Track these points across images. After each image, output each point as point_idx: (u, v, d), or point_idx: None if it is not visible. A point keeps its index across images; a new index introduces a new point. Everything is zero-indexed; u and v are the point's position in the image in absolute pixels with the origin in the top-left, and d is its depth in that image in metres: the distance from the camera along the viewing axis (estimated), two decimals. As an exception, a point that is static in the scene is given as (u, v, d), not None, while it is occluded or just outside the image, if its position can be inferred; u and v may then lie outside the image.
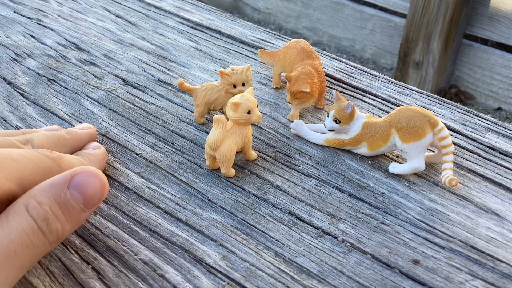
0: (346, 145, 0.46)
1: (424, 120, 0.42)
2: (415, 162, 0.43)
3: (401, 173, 0.43)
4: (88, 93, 0.55)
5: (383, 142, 0.44)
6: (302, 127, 0.48)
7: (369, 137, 0.45)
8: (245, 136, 0.43)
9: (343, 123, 0.45)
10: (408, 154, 0.43)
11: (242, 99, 0.42)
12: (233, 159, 0.43)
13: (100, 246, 0.37)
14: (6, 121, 0.50)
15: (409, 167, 0.43)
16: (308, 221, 0.39)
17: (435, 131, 0.42)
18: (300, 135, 0.48)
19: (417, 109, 0.43)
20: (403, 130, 0.42)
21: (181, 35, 0.69)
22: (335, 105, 0.45)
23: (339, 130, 0.45)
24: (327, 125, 0.46)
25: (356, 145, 0.45)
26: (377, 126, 0.44)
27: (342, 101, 0.45)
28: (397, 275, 0.35)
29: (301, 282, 0.34)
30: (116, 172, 0.44)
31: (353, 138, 0.45)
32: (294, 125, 0.48)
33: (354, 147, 0.46)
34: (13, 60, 0.61)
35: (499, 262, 0.36)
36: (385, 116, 0.45)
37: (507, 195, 0.42)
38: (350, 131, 0.45)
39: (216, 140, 0.42)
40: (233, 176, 0.43)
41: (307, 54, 0.53)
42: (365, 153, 0.45)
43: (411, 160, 0.43)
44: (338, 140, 0.46)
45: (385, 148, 0.44)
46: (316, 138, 0.47)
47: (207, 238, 0.38)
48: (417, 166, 0.43)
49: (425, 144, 0.42)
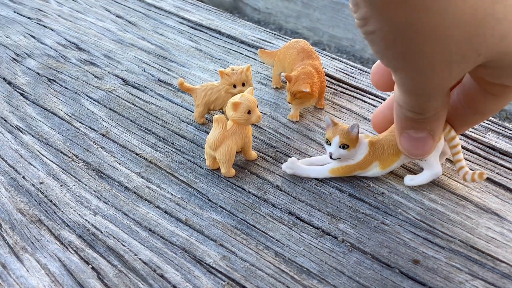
0: (355, 171, 0.42)
1: None
2: (435, 168, 0.41)
3: (422, 183, 0.41)
4: (88, 93, 0.55)
5: (396, 157, 0.41)
6: (297, 165, 0.43)
7: (379, 155, 0.41)
8: (245, 136, 0.43)
9: (351, 147, 0.41)
10: (427, 162, 0.41)
11: (242, 99, 0.42)
12: (233, 159, 0.43)
13: (100, 246, 0.37)
14: (6, 121, 0.50)
15: (430, 174, 0.41)
16: (308, 221, 0.39)
17: (444, 132, 0.40)
18: (298, 174, 0.43)
19: None
20: None
21: (181, 35, 0.69)
22: (335, 130, 0.41)
23: (346, 156, 0.41)
24: (333, 154, 0.41)
25: (367, 167, 0.42)
26: (384, 142, 0.41)
27: (341, 125, 0.41)
28: (397, 275, 0.35)
29: (301, 282, 0.34)
30: (116, 172, 0.44)
31: (362, 160, 0.41)
32: (289, 165, 0.43)
33: (364, 170, 0.42)
34: (13, 60, 0.61)
35: (499, 262, 0.36)
36: (388, 130, 0.42)
37: (507, 195, 0.42)
38: (357, 155, 0.41)
39: (216, 140, 0.42)
40: (233, 176, 0.43)
41: (307, 54, 0.53)
42: (378, 173, 0.42)
43: (430, 166, 0.41)
44: (345, 167, 0.42)
45: (398, 162, 0.41)
46: (319, 173, 0.43)
47: (207, 238, 0.38)
48: (437, 171, 0.41)
49: (441, 148, 0.41)
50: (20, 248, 0.37)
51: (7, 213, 0.40)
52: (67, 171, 0.44)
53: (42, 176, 0.43)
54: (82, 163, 0.45)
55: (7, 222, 0.39)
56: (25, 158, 0.45)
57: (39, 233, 0.38)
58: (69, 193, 0.42)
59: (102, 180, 0.43)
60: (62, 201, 0.41)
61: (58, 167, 0.44)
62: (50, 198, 0.41)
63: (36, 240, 0.37)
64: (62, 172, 0.44)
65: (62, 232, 0.38)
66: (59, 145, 0.47)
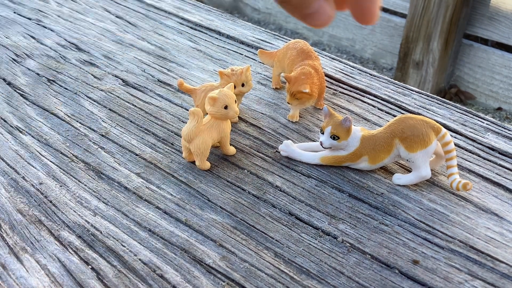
0: (345, 162, 0.44)
1: (428, 127, 0.41)
2: (422, 171, 0.41)
3: (407, 184, 0.42)
4: (88, 93, 0.55)
5: (386, 154, 0.42)
6: (292, 148, 0.45)
7: (369, 150, 0.43)
8: (222, 131, 0.44)
9: (342, 139, 0.42)
10: (415, 163, 0.41)
11: (220, 94, 0.43)
12: (207, 152, 0.43)
13: (99, 247, 0.37)
14: (6, 122, 0.50)
15: (415, 176, 0.42)
16: (307, 221, 0.39)
17: (439, 137, 0.41)
18: (291, 157, 0.45)
19: (417, 117, 0.42)
20: (408, 139, 0.41)
21: (181, 35, 0.69)
22: (329, 121, 0.43)
23: (337, 146, 0.43)
24: (324, 143, 0.43)
25: (356, 160, 0.43)
26: (376, 138, 0.43)
27: (336, 117, 0.43)
28: (397, 275, 0.35)
29: (301, 282, 0.34)
30: (115, 172, 0.44)
31: (353, 153, 0.43)
32: (284, 147, 0.45)
33: (354, 162, 0.44)
34: (13, 61, 0.61)
35: (498, 262, 0.36)
36: (383, 127, 0.43)
37: (506, 195, 0.42)
38: (348, 147, 0.43)
39: (190, 132, 0.42)
40: (207, 169, 0.44)
41: (307, 54, 0.53)
42: (366, 167, 0.43)
43: (417, 169, 0.41)
44: (336, 157, 0.44)
45: (387, 160, 0.43)
46: (310, 158, 0.45)
47: (206, 238, 0.38)
48: (424, 174, 0.42)
49: (431, 151, 0.41)
50: (20, 249, 0.37)
51: (7, 213, 0.40)
52: (66, 172, 0.44)
53: (42, 177, 0.43)
54: (81, 163, 0.45)
55: (7, 222, 0.39)
56: (25, 158, 0.45)
57: (39, 234, 0.38)
58: (69, 193, 0.42)
59: (101, 181, 0.43)
60: (61, 201, 0.41)
61: (57, 167, 0.44)
62: (50, 198, 0.41)
63: (36, 240, 0.37)
64: (62, 172, 0.44)
65: (61, 232, 0.38)
66: (59, 145, 0.47)
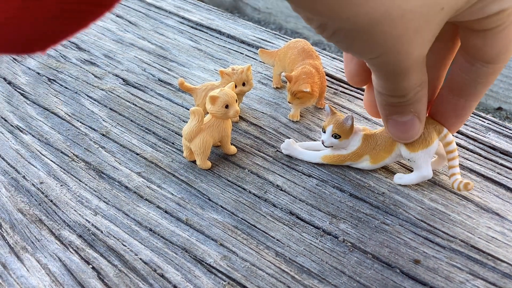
0: (346, 161, 0.44)
1: (430, 127, 0.40)
2: (424, 171, 0.41)
3: (409, 183, 0.42)
4: (88, 93, 0.55)
5: (387, 154, 0.42)
6: (293, 146, 0.45)
7: (371, 149, 0.43)
8: (222, 130, 0.44)
9: (343, 138, 0.42)
10: (416, 163, 0.41)
11: (221, 93, 0.42)
12: (208, 151, 0.43)
13: (100, 246, 0.37)
14: (7, 121, 0.50)
15: (417, 176, 0.41)
16: (308, 221, 0.39)
17: (440, 137, 0.41)
18: (292, 155, 0.45)
19: None
20: None
21: (181, 34, 0.69)
22: (331, 119, 0.43)
23: (338, 145, 0.43)
24: (325, 142, 0.43)
25: (358, 159, 0.43)
26: (378, 137, 0.42)
27: (338, 115, 0.43)
28: (398, 275, 0.35)
29: (302, 282, 0.34)
30: (116, 172, 0.44)
31: (354, 152, 0.43)
32: (285, 146, 0.45)
33: (355, 161, 0.43)
34: (13, 60, 0.61)
35: (500, 262, 0.36)
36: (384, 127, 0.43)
37: (507, 195, 0.42)
38: (349, 146, 0.43)
39: (191, 131, 0.42)
40: (208, 169, 0.44)
41: (308, 53, 0.53)
42: (368, 167, 0.43)
43: (419, 168, 0.41)
44: (337, 156, 0.44)
45: (389, 159, 0.43)
46: (312, 157, 0.45)
47: (207, 238, 0.37)
48: (426, 174, 0.41)
49: (433, 151, 0.41)
50: (21, 248, 0.37)
51: (7, 213, 0.40)
52: (67, 171, 0.44)
53: (42, 176, 0.43)
54: (82, 163, 0.45)
55: (7, 222, 0.39)
56: (25, 158, 0.45)
57: (40, 233, 0.38)
58: (70, 193, 0.42)
59: (102, 180, 0.43)
60: (62, 201, 0.41)
61: (58, 167, 0.44)
62: (51, 198, 0.41)
63: (36, 240, 0.37)
64: (63, 172, 0.44)
65: (62, 232, 0.38)
66: (59, 145, 0.47)
